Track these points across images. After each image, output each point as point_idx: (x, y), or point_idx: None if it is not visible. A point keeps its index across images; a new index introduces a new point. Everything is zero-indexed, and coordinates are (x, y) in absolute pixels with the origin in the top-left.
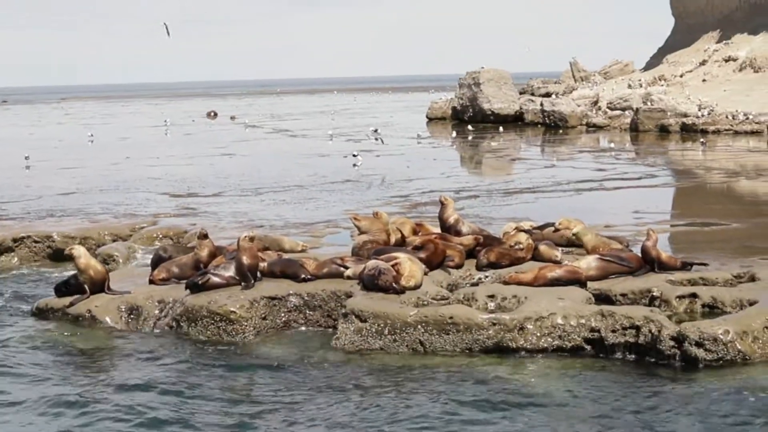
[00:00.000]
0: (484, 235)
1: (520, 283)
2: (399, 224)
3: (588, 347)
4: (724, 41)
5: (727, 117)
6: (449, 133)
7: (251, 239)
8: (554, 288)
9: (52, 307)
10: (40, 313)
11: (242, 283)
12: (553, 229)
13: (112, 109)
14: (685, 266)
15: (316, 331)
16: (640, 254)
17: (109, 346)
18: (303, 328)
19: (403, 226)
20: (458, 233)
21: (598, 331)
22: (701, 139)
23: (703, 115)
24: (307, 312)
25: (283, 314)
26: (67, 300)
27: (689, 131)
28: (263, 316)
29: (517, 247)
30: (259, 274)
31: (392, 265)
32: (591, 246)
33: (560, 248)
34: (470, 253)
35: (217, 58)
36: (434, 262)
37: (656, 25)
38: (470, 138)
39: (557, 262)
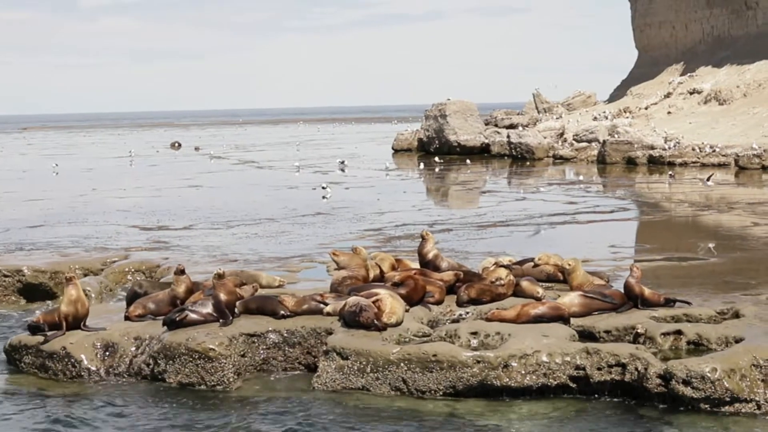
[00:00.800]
0: (464, 271)
1: (503, 320)
2: (379, 260)
3: (573, 385)
4: (689, 74)
5: (693, 149)
6: (416, 164)
7: (220, 276)
8: (538, 325)
9: (25, 344)
10: (14, 351)
11: (220, 320)
12: (532, 264)
13: (74, 139)
14: (668, 303)
15: (297, 375)
16: (622, 290)
17: (84, 394)
18: (282, 374)
19: (383, 262)
20: (437, 268)
21: (584, 368)
22: (669, 172)
23: (669, 148)
24: (287, 349)
25: (262, 351)
26: (37, 338)
27: (656, 163)
28: (242, 353)
29: (497, 283)
30: (236, 311)
31: (373, 302)
32: (576, 283)
33: (541, 284)
34: (450, 289)
35: (178, 88)
36: (414, 298)
37: (619, 58)
38: (437, 170)
39: (539, 299)
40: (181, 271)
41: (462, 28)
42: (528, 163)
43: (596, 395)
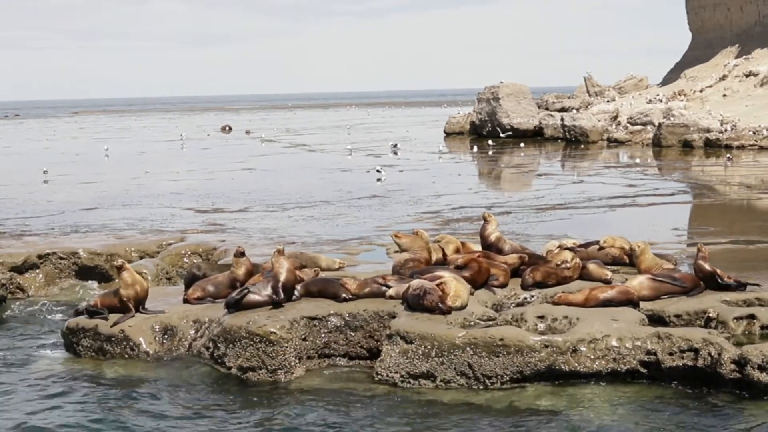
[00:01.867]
0: (528, 254)
1: (570, 304)
2: (444, 242)
3: (644, 370)
4: (744, 56)
5: (751, 132)
6: (468, 147)
7: (280, 252)
8: (606, 309)
9: (83, 327)
10: (71, 334)
11: (274, 298)
12: (597, 247)
13: (125, 123)
14: (740, 286)
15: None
16: (692, 273)
17: (144, 378)
18: (344, 362)
19: (448, 245)
20: (500, 251)
21: (655, 353)
22: (727, 155)
23: (726, 131)
24: (349, 333)
25: (323, 335)
26: (95, 321)
27: (713, 146)
28: (303, 336)
29: (563, 266)
30: (296, 293)
31: (437, 285)
32: (645, 266)
33: (607, 267)
34: (515, 272)
35: (228, 73)
36: (478, 281)
37: (670, 41)
38: (490, 153)
39: (608, 282)
40: (240, 254)
41: (512, 12)
42: (582, 146)
43: (667, 381)
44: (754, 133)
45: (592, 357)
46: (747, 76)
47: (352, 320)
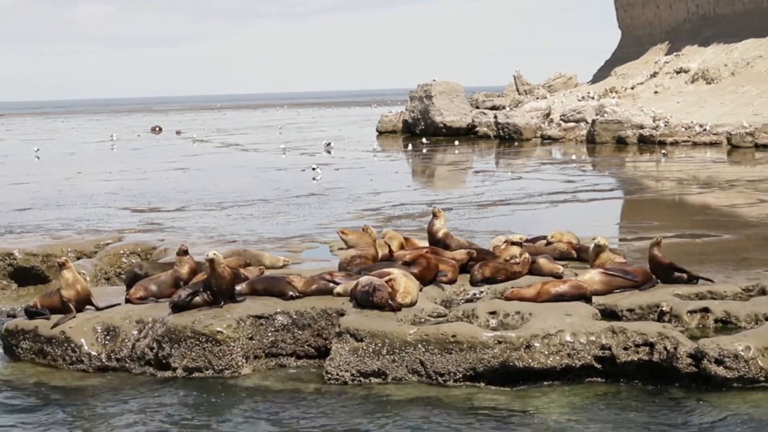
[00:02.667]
0: (476, 249)
1: (522, 299)
2: (388, 238)
3: (599, 366)
4: (675, 53)
5: (683, 128)
6: (400, 146)
7: (185, 252)
8: (558, 304)
9: (22, 329)
10: (10, 336)
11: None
12: (545, 242)
13: (52, 125)
14: (692, 279)
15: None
16: (647, 266)
17: (86, 386)
18: (292, 361)
19: (392, 241)
20: (447, 247)
21: (609, 348)
22: (662, 151)
23: (659, 127)
24: (296, 331)
25: (270, 334)
26: (35, 322)
27: (647, 143)
28: (250, 336)
29: (513, 261)
30: (241, 292)
31: (386, 282)
32: (598, 261)
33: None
34: (462, 268)
35: (155, 76)
36: (427, 277)
37: (599, 40)
38: (425, 151)
39: (559, 277)
40: (184, 252)
41: (439, 12)
42: (516, 143)
43: (622, 377)
44: (686, 128)
45: (546, 353)
46: (678, 72)
47: (299, 318)
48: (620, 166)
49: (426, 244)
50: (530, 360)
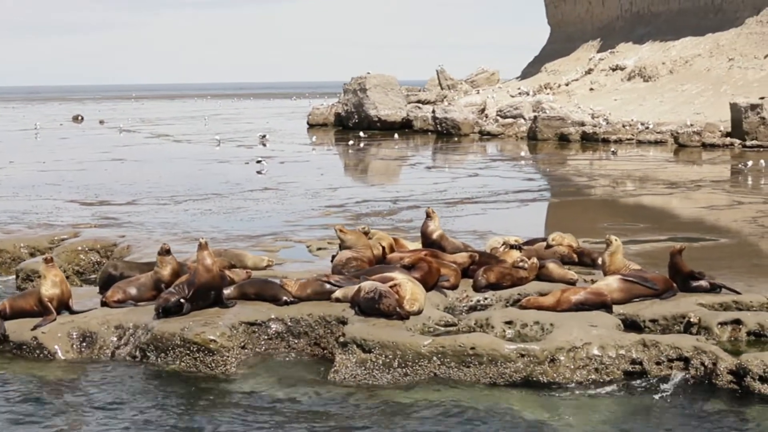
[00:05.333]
0: (479, 253)
1: (540, 308)
2: (377, 239)
3: (628, 382)
4: (609, 50)
5: (625, 126)
6: (333, 139)
7: (167, 251)
8: (580, 313)
9: None
10: None
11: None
12: (545, 244)
13: None
14: (714, 288)
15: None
16: (666, 273)
17: (65, 379)
18: (290, 357)
19: (381, 241)
20: (442, 250)
21: (641, 363)
22: (612, 149)
23: (600, 125)
24: (291, 340)
25: (263, 342)
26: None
27: (590, 140)
28: (242, 344)
29: (520, 265)
30: (229, 296)
31: (390, 287)
32: (614, 267)
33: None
34: (463, 273)
35: (66, 64)
36: (429, 282)
37: (523, 36)
38: (363, 145)
39: (572, 283)
40: (166, 252)
41: (359, 4)
42: (455, 138)
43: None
44: (626, 126)
45: (572, 367)
46: (614, 69)
47: (295, 326)
48: (573, 164)
49: (414, 245)
50: (555, 374)
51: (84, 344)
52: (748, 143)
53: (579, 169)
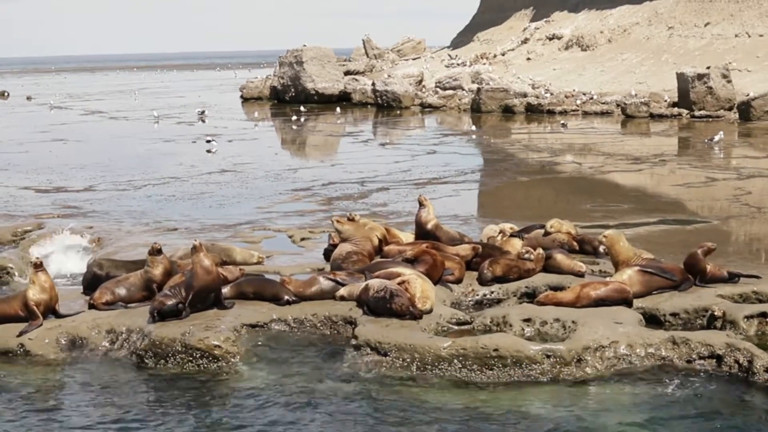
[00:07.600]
0: (482, 244)
1: (559, 304)
2: (368, 228)
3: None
4: (544, 19)
5: (568, 97)
6: (270, 114)
7: (158, 251)
8: (602, 309)
9: None
10: None
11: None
12: (543, 232)
13: None
14: (732, 278)
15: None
16: (682, 264)
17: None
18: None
19: (375, 231)
20: (438, 240)
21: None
22: (561, 122)
23: (541, 96)
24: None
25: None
26: None
27: (534, 111)
28: (247, 348)
29: (526, 257)
30: (226, 295)
31: (399, 284)
32: (623, 257)
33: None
34: (467, 265)
35: None
36: (434, 277)
37: (448, 4)
38: (303, 120)
39: (581, 275)
40: (157, 251)
41: None
42: (397, 112)
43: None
44: (569, 97)
45: (599, 367)
46: (550, 39)
47: (298, 327)
48: (526, 138)
49: (405, 235)
50: (581, 375)
51: (73, 351)
52: (696, 113)
53: (534, 143)
